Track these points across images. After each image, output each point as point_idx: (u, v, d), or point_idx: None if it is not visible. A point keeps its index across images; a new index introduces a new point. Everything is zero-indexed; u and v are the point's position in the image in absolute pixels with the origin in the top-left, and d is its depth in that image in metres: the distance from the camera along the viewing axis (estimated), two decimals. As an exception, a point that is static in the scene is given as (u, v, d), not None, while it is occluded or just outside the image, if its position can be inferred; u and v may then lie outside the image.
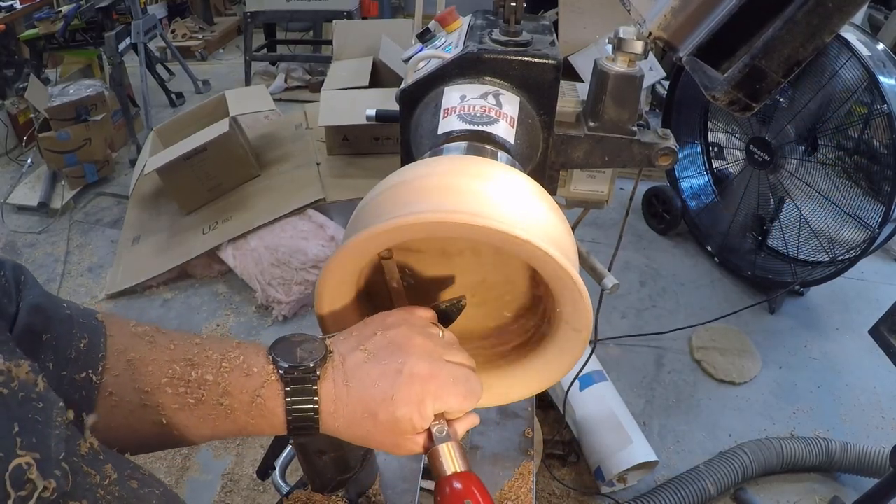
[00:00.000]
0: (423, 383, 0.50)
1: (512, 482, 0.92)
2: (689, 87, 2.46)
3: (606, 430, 1.69)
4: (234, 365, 0.49)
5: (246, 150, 2.62)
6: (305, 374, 0.49)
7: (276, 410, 0.48)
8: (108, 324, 0.49)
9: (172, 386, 0.47)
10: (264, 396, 0.48)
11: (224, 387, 0.48)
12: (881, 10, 3.12)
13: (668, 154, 0.72)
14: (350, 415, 0.49)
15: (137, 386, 0.46)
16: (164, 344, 0.49)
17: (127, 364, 0.47)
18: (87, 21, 3.60)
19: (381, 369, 0.50)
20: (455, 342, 0.57)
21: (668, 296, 2.45)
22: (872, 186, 2.03)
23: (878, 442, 1.80)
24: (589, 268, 0.85)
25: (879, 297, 2.42)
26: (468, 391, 0.52)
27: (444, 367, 0.52)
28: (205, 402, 0.47)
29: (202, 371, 0.48)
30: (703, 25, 0.59)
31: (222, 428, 0.49)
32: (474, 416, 0.55)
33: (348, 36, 3.05)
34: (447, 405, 0.51)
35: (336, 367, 0.51)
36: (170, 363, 0.48)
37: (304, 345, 0.51)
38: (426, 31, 0.79)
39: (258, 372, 0.49)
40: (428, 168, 0.54)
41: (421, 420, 0.50)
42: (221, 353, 0.49)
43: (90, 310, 0.49)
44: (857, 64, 1.89)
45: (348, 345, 0.52)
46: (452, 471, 0.50)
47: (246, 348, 0.51)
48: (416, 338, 0.52)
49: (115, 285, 2.47)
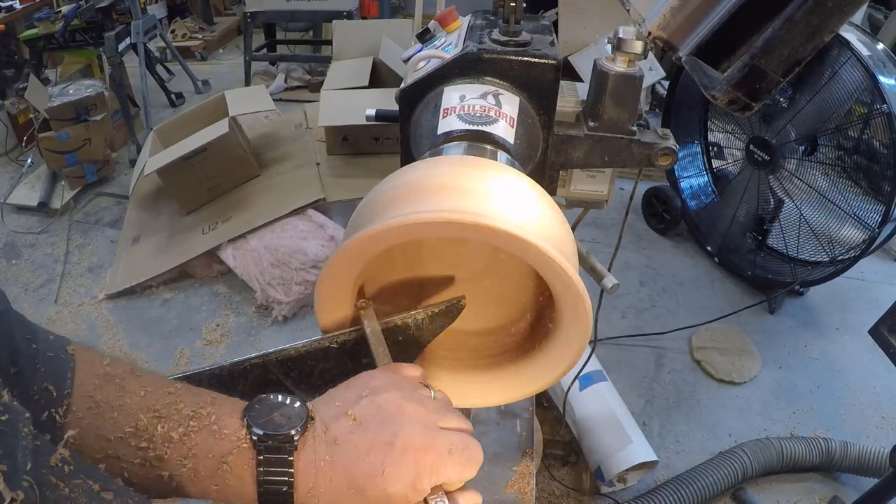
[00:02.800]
0: (417, 456, 0.46)
1: (512, 482, 0.93)
2: (689, 87, 2.46)
3: (606, 430, 1.69)
4: (204, 424, 0.45)
5: (246, 150, 2.62)
6: (282, 443, 0.45)
7: (246, 480, 0.44)
8: (78, 359, 0.45)
9: (136, 438, 0.44)
10: (231, 464, 0.44)
11: (189, 447, 0.44)
12: (881, 10, 3.12)
13: (667, 154, 0.72)
14: (334, 490, 0.45)
15: (100, 433, 0.43)
16: (133, 389, 0.45)
17: (92, 406, 0.44)
18: (87, 21, 3.60)
19: (369, 440, 0.46)
20: (448, 403, 0.53)
21: (668, 296, 2.45)
22: (872, 186, 2.03)
23: (878, 442, 1.80)
24: (589, 268, 0.85)
25: (879, 297, 2.42)
26: (467, 459, 0.48)
27: (440, 435, 0.48)
28: (167, 461, 0.44)
29: (168, 426, 0.44)
30: (703, 25, 0.59)
31: (183, 490, 0.45)
32: (477, 495, 0.50)
33: (348, 36, 3.05)
34: (444, 477, 0.47)
35: (318, 436, 0.46)
36: (135, 413, 0.44)
37: (283, 408, 0.47)
38: (426, 31, 0.79)
39: (228, 436, 0.45)
40: (428, 168, 0.54)
41: (415, 495, 0.46)
42: (193, 407, 0.46)
43: (62, 340, 0.46)
44: (857, 64, 1.89)
45: (332, 410, 0.48)
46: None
47: (220, 405, 0.47)
48: (407, 404, 0.48)
49: (115, 285, 2.46)
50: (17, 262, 2.68)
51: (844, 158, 2.07)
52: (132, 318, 2.36)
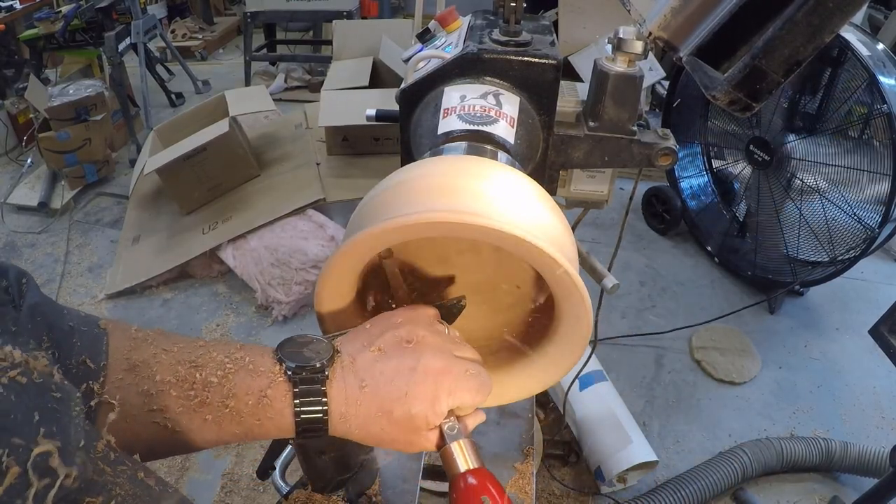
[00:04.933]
0: (436, 379, 0.50)
1: (512, 482, 0.92)
2: (690, 87, 2.46)
3: (606, 430, 1.69)
4: (240, 366, 0.48)
5: (246, 150, 2.61)
6: (314, 374, 0.48)
7: (284, 412, 0.47)
8: (109, 330, 0.48)
9: (176, 388, 0.46)
10: (271, 397, 0.47)
11: (229, 388, 0.47)
12: (881, 10, 3.12)
13: (667, 154, 0.72)
14: (364, 414, 0.49)
15: (141, 389, 0.46)
16: (166, 346, 0.48)
17: (129, 367, 0.46)
18: (87, 21, 3.60)
19: (394, 367, 0.50)
20: (460, 338, 0.57)
21: (668, 296, 2.45)
22: (872, 186, 2.03)
23: (878, 442, 1.80)
24: (589, 268, 0.85)
25: (879, 297, 2.42)
26: (480, 385, 0.52)
27: (456, 362, 0.52)
28: (209, 405, 0.46)
29: (206, 373, 0.47)
30: (704, 25, 0.59)
31: (228, 431, 0.48)
32: (482, 413, 0.55)
33: (348, 36, 3.05)
34: (460, 400, 0.51)
35: (346, 367, 0.50)
36: (173, 365, 0.47)
37: (310, 345, 0.50)
38: (426, 31, 0.79)
39: (265, 372, 0.48)
40: (428, 168, 0.54)
41: (435, 416, 0.50)
42: (226, 354, 0.49)
43: (92, 317, 0.48)
44: (857, 64, 1.89)
45: (357, 344, 0.52)
46: (466, 468, 0.50)
47: (251, 349, 0.50)
48: (426, 334, 0.52)
49: (115, 285, 2.46)
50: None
51: (844, 158, 2.07)
52: (132, 318, 2.36)
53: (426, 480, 0.90)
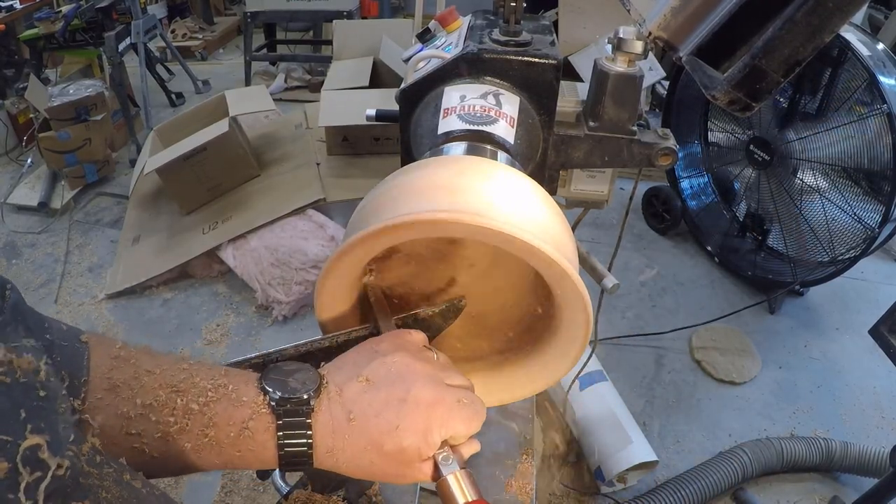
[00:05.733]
0: (428, 410, 0.48)
1: (512, 482, 0.92)
2: (689, 86, 2.46)
3: (606, 430, 1.69)
4: (222, 394, 0.46)
5: (246, 150, 2.62)
6: (298, 405, 0.46)
7: (267, 444, 0.46)
8: (92, 346, 0.46)
9: (156, 413, 0.44)
10: (253, 429, 0.45)
11: (210, 417, 0.45)
12: (881, 10, 3.12)
13: (668, 154, 0.72)
14: (352, 448, 0.47)
15: (120, 411, 0.44)
16: (149, 367, 0.46)
17: (110, 387, 0.45)
18: (87, 21, 3.60)
19: (383, 398, 0.48)
20: (450, 364, 0.55)
21: (668, 296, 2.45)
22: (872, 186, 2.03)
23: (878, 442, 1.80)
24: (589, 268, 0.85)
25: (879, 297, 2.42)
26: (473, 414, 0.51)
27: (447, 391, 0.50)
28: (189, 432, 0.45)
29: (188, 398, 0.45)
30: (703, 25, 0.59)
31: (207, 460, 0.46)
32: (476, 442, 0.53)
33: (348, 36, 3.05)
34: (453, 430, 0.49)
35: (332, 398, 0.48)
36: (154, 389, 0.45)
37: (296, 374, 0.49)
38: (426, 31, 0.79)
39: (247, 402, 0.46)
40: (428, 168, 0.54)
41: (427, 448, 0.48)
42: (210, 380, 0.47)
43: (75, 330, 0.47)
44: (857, 64, 1.89)
45: (344, 374, 0.50)
46: (465, 500, 0.49)
47: (235, 376, 0.48)
48: (416, 363, 0.51)
49: (115, 285, 2.46)
50: (18, 262, 2.68)
51: (844, 158, 2.07)
52: (132, 318, 2.36)
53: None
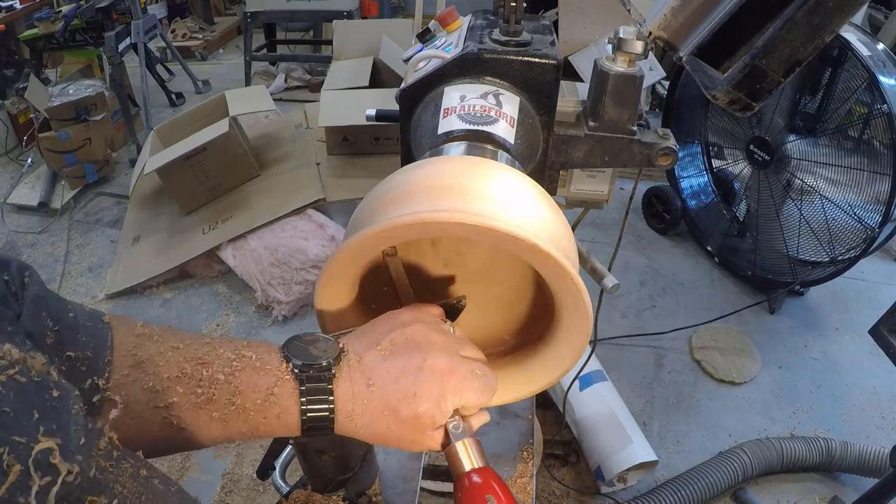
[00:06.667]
0: (443, 379, 0.50)
1: (512, 482, 0.92)
2: (690, 86, 2.46)
3: (606, 430, 1.69)
4: (246, 363, 0.48)
5: (246, 150, 2.62)
6: (320, 372, 0.48)
7: (291, 410, 0.47)
8: (114, 325, 0.48)
9: (182, 384, 0.46)
10: (278, 395, 0.47)
11: (236, 385, 0.47)
12: (881, 10, 3.12)
13: (668, 154, 0.72)
14: (371, 413, 0.49)
15: (146, 385, 0.45)
16: (173, 343, 0.48)
17: (135, 363, 0.46)
18: (87, 21, 3.60)
19: (401, 366, 0.50)
20: (465, 338, 0.57)
21: (668, 296, 2.45)
22: (872, 186, 2.02)
23: (878, 442, 1.80)
24: (589, 268, 0.85)
25: (879, 297, 2.42)
26: (485, 385, 0.52)
27: (462, 362, 0.52)
28: (216, 402, 0.46)
29: (213, 370, 0.47)
30: (704, 25, 0.59)
31: (234, 428, 0.47)
32: (486, 413, 0.55)
33: (348, 36, 3.05)
34: (466, 400, 0.51)
35: (352, 365, 0.50)
36: (180, 362, 0.47)
37: (317, 344, 0.50)
38: (426, 31, 0.79)
39: (271, 370, 0.48)
40: (428, 168, 0.54)
41: (441, 416, 0.50)
42: (233, 351, 0.48)
43: (97, 312, 0.48)
44: (857, 64, 1.89)
45: (363, 343, 0.52)
46: (471, 466, 0.50)
47: (258, 347, 0.50)
48: (433, 334, 0.52)
49: (115, 285, 2.47)
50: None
51: (844, 158, 2.07)
52: (135, 318, 2.36)
53: (426, 480, 0.90)
